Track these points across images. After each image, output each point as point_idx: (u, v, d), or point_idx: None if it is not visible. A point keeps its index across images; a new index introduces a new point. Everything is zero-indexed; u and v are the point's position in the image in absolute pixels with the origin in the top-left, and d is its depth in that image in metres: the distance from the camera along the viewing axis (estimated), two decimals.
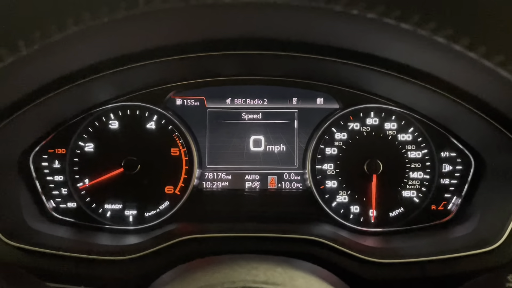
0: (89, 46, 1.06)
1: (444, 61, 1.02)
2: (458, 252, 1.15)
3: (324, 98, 1.45)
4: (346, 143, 1.43)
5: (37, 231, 1.24)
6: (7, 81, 0.99)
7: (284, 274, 0.65)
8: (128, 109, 1.41)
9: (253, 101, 1.47)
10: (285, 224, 1.32)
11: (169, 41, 1.16)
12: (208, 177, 1.46)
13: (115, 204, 1.42)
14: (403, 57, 1.12)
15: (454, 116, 1.29)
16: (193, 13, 0.95)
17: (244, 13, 0.99)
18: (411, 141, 1.42)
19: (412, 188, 1.42)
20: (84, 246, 1.22)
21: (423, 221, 1.41)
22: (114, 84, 1.32)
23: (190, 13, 0.95)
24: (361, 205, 1.42)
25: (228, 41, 1.17)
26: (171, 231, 1.30)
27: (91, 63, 1.14)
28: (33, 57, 0.48)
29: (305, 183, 1.46)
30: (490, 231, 1.18)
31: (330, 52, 1.18)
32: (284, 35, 1.13)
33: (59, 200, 1.41)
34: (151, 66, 1.21)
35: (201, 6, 0.75)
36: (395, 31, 0.44)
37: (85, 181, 1.41)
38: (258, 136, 1.47)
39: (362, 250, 1.21)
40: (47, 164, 1.40)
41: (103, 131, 1.41)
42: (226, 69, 1.40)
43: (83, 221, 1.41)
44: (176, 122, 1.42)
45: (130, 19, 0.89)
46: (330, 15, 0.92)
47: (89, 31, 0.46)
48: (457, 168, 1.41)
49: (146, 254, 1.19)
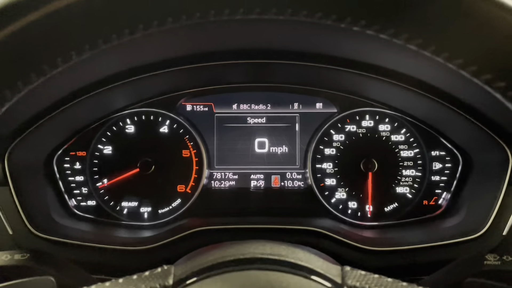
0: (109, 60, 1.16)
1: (431, 69, 1.12)
2: (446, 240, 1.23)
3: (323, 103, 1.52)
4: (344, 144, 1.50)
5: (62, 225, 1.33)
6: (35, 94, 1.10)
7: (287, 249, 0.75)
8: (143, 115, 1.50)
9: (257, 107, 1.54)
10: (288, 218, 1.39)
11: (181, 53, 1.25)
12: (217, 177, 1.54)
13: (131, 201, 1.49)
14: (395, 65, 1.21)
15: (443, 118, 1.37)
16: (204, 28, 1.05)
17: (250, 27, 1.09)
18: (403, 141, 1.49)
19: (405, 184, 1.48)
20: (104, 238, 1.31)
21: (415, 215, 1.47)
22: (130, 92, 1.41)
23: (202, 29, 1.05)
24: (358, 200, 1.49)
25: (234, 52, 1.27)
26: (183, 225, 1.38)
27: (110, 74, 1.24)
28: (55, 76, 0.48)
29: (306, 181, 1.53)
30: (476, 222, 1.25)
31: (329, 60, 1.27)
32: (286, 46, 1.23)
33: (80, 198, 1.49)
34: (164, 76, 1.30)
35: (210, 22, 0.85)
36: (389, 44, 0.48)
37: (104, 181, 1.49)
38: (262, 138, 1.54)
39: (360, 240, 1.28)
40: (69, 165, 1.48)
41: (120, 135, 1.49)
42: (232, 77, 1.48)
43: (102, 217, 1.48)
44: (187, 126, 1.50)
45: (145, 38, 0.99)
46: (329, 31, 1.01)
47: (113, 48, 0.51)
48: (447, 166, 1.47)
49: (160, 245, 1.27)
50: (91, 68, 1.16)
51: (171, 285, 0.61)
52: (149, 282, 0.60)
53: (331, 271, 0.65)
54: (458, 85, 1.16)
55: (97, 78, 1.24)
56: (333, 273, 0.64)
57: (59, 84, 1.16)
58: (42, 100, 1.21)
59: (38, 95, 1.14)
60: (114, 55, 1.13)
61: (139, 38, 0.45)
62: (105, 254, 1.27)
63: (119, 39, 0.46)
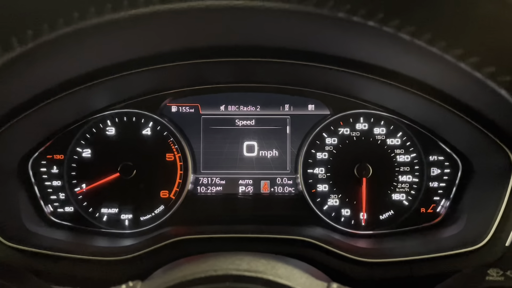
0: (86, 53, 1.10)
1: (429, 67, 1.06)
2: (445, 251, 1.18)
3: (315, 104, 1.49)
4: (337, 148, 1.46)
5: (35, 233, 1.27)
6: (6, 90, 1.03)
7: (267, 264, 0.68)
8: (125, 116, 1.45)
9: (246, 108, 1.50)
10: (277, 226, 1.34)
11: (164, 49, 1.20)
12: (203, 182, 1.49)
13: (112, 208, 1.45)
14: (392, 64, 1.15)
15: (441, 120, 1.32)
16: (188, 19, 1.00)
17: (237, 19, 1.03)
18: (399, 145, 1.45)
19: (402, 191, 1.44)
20: (80, 248, 1.26)
21: (412, 223, 1.43)
22: (110, 91, 1.35)
23: (186, 20, 0.99)
24: (352, 208, 1.45)
25: (222, 49, 1.21)
26: (165, 233, 1.33)
27: (88, 70, 1.18)
28: (30, 60, 0.47)
29: (297, 187, 1.49)
30: (476, 231, 1.20)
31: (321, 59, 1.22)
32: (276, 43, 1.17)
33: (57, 204, 1.44)
34: (147, 74, 1.25)
35: (195, 12, 0.79)
36: (388, 38, 0.46)
37: (82, 186, 1.44)
38: (251, 141, 1.50)
39: (353, 251, 1.24)
40: (45, 169, 1.43)
41: (100, 137, 1.45)
42: (220, 77, 1.43)
43: (80, 225, 1.44)
44: (171, 129, 1.46)
45: (126, 24, 0.93)
46: (324, 22, 0.96)
47: (81, 33, 0.48)
48: (445, 171, 1.44)
49: (140, 255, 1.22)
50: (69, 63, 1.10)
51: None
52: None
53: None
54: (458, 84, 1.10)
55: (75, 74, 1.18)
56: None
57: (33, 79, 1.10)
58: (15, 97, 1.14)
59: (9, 91, 1.08)
60: (93, 50, 1.08)
61: (120, 30, 0.47)
62: (82, 265, 1.22)
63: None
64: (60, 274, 1.19)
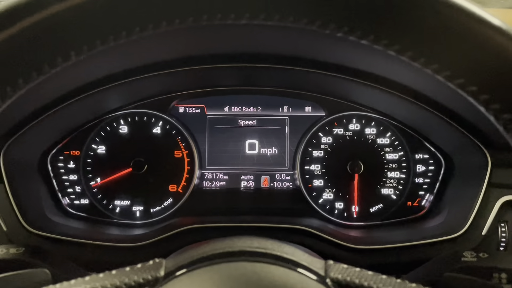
0: (102, 62, 1.19)
1: (417, 76, 1.16)
2: (428, 239, 1.27)
3: (312, 106, 1.55)
4: (331, 146, 1.53)
5: (56, 222, 1.35)
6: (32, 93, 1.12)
7: (273, 244, 0.79)
8: (136, 116, 1.52)
9: (248, 109, 1.57)
10: (276, 217, 1.42)
11: (173, 55, 1.28)
12: (208, 177, 1.56)
13: (124, 200, 1.51)
14: (382, 71, 1.25)
15: (427, 123, 1.41)
16: (197, 32, 1.09)
17: (242, 32, 1.12)
18: (388, 144, 1.52)
19: (390, 186, 1.52)
20: (97, 235, 1.33)
21: (400, 215, 1.50)
22: (124, 93, 1.43)
23: (195, 32, 1.09)
24: (345, 201, 1.52)
25: (226, 55, 1.30)
26: (174, 223, 1.40)
27: (104, 75, 1.27)
28: (53, 76, 0.49)
29: (294, 182, 1.56)
30: (456, 222, 1.29)
31: (318, 65, 1.30)
32: (277, 51, 1.27)
33: (73, 197, 1.50)
34: (157, 78, 1.33)
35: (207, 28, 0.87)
36: (377, 51, 0.49)
37: (97, 180, 1.51)
38: (253, 140, 1.57)
39: (346, 239, 1.31)
40: (63, 164, 1.49)
41: (113, 135, 1.51)
42: (224, 80, 1.51)
43: (95, 216, 1.50)
44: (179, 128, 1.52)
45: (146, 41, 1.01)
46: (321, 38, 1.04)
47: (110, 49, 0.50)
48: (430, 168, 1.50)
49: (152, 242, 1.29)
50: (87, 70, 1.19)
51: (162, 276, 0.63)
52: (141, 274, 0.63)
53: (315, 264, 0.68)
54: (444, 93, 1.19)
55: (92, 79, 1.27)
56: (317, 266, 0.67)
57: (56, 84, 1.19)
58: (39, 99, 1.23)
59: (35, 95, 1.17)
60: (109, 57, 1.16)
61: (133, 40, 0.48)
62: (98, 250, 1.29)
63: (116, 40, 0.49)
64: (78, 259, 1.21)
